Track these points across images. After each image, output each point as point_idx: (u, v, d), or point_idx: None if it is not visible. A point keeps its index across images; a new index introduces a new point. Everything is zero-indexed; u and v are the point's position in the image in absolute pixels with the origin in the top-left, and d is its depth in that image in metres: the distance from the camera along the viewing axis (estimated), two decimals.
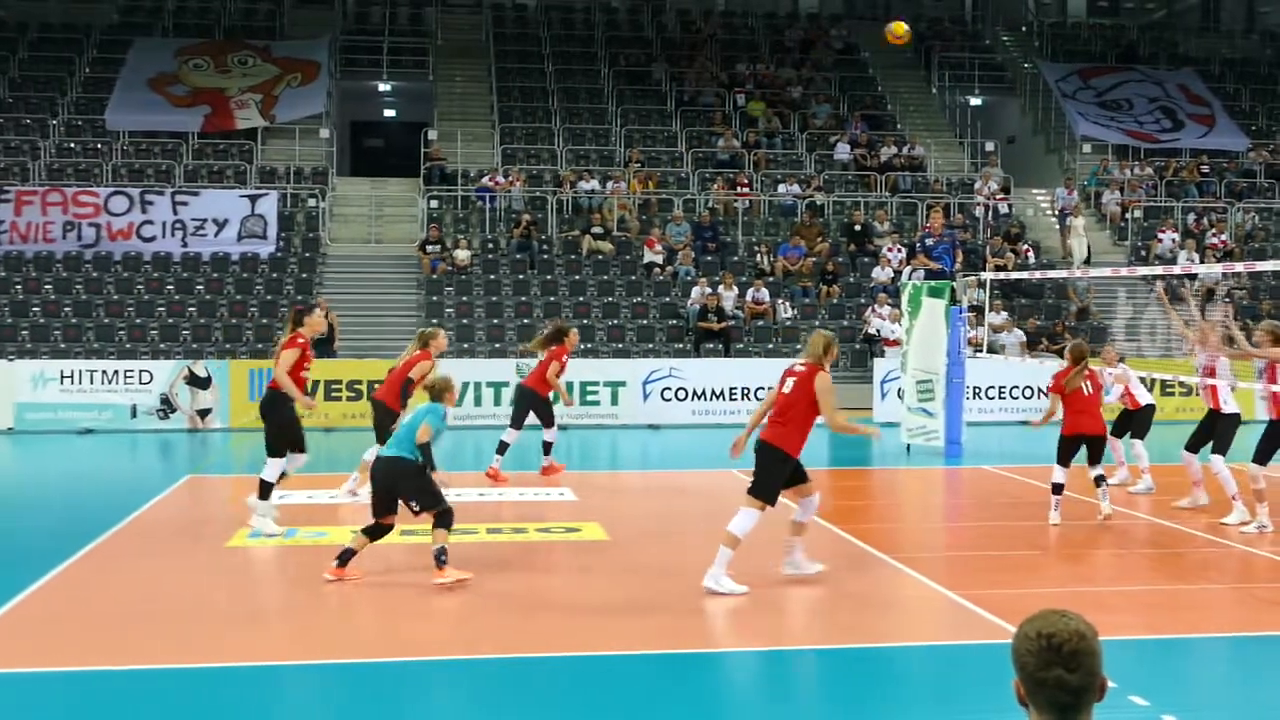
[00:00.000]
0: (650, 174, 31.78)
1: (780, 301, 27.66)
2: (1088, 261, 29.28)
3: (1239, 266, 19.68)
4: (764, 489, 10.34)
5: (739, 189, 31.33)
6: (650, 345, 26.40)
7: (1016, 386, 24.64)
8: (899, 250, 29.05)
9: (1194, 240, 30.80)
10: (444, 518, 10.51)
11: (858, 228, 30.16)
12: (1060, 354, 24.66)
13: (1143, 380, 16.60)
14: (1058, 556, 12.24)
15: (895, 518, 15.59)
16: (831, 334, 10.68)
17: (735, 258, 29.44)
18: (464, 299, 27.41)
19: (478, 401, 23.22)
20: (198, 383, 23.00)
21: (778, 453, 10.35)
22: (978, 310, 24.29)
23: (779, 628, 9.72)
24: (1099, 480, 13.48)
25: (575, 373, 23.02)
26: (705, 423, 23.72)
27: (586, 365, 23.80)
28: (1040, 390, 24.56)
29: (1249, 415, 16.39)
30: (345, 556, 10.66)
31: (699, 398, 23.96)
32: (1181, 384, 21.95)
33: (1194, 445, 14.32)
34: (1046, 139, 37.02)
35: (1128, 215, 32.28)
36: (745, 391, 23.97)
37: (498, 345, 26.22)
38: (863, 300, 28.02)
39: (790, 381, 10.39)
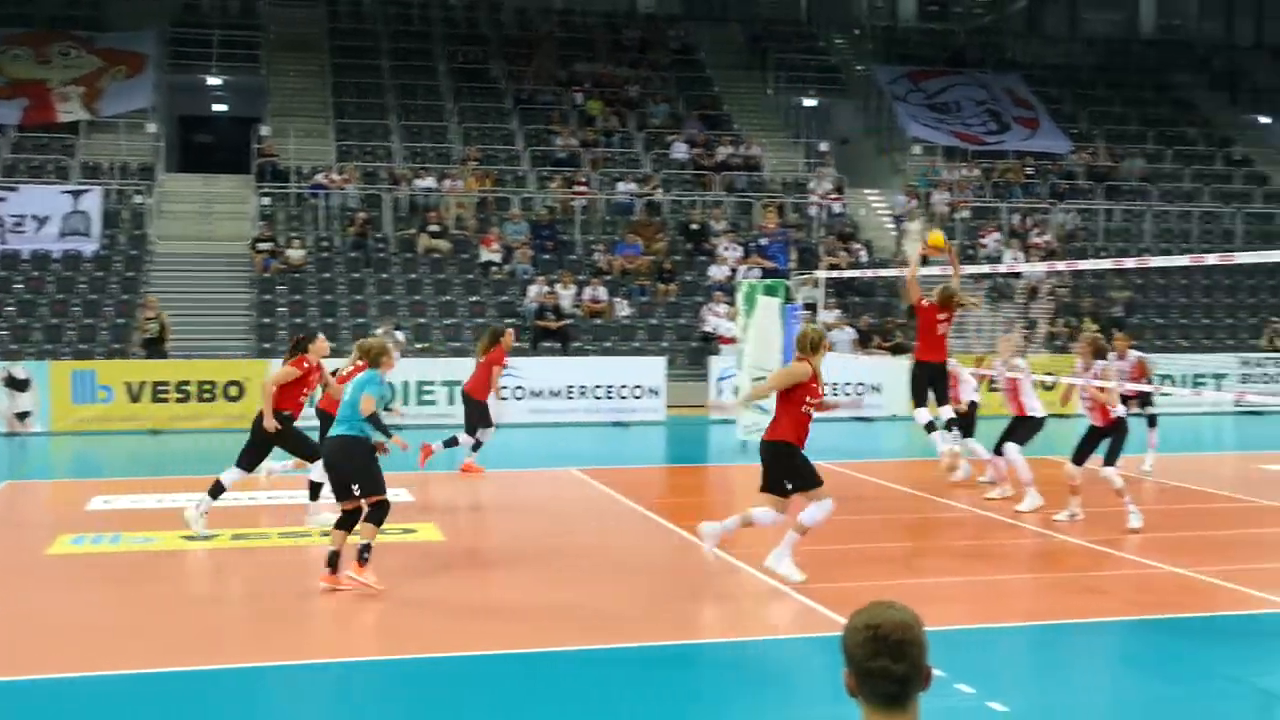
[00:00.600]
0: (487, 172, 31.59)
1: (618, 300, 27.73)
2: (925, 261, 29.83)
3: (1061, 265, 20.27)
4: (802, 477, 10.51)
5: (576, 187, 31.31)
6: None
7: (850, 383, 25.03)
8: (735, 249, 29.32)
9: (1019, 240, 31.66)
10: (378, 511, 10.16)
11: (694, 226, 30.38)
12: (893, 351, 25.21)
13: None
14: (887, 549, 12.45)
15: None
16: (819, 328, 10.97)
17: (573, 256, 29.42)
18: (297, 298, 26.93)
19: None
20: (16, 385, 22.20)
21: (780, 446, 10.51)
22: (812, 308, 24.62)
23: (616, 625, 9.72)
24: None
25: (412, 373, 22.83)
26: (544, 421, 23.66)
27: (423, 365, 23.59)
28: (873, 386, 25.01)
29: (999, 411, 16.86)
30: (332, 560, 10.24)
31: (537, 396, 23.89)
32: (990, 382, 22.51)
33: (999, 447, 14.82)
34: (879, 140, 37.71)
35: (956, 215, 33.04)
36: (583, 390, 23.98)
37: (331, 345, 25.76)
38: (699, 298, 28.21)
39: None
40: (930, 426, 14.51)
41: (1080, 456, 13.42)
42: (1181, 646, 9.24)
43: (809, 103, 37.95)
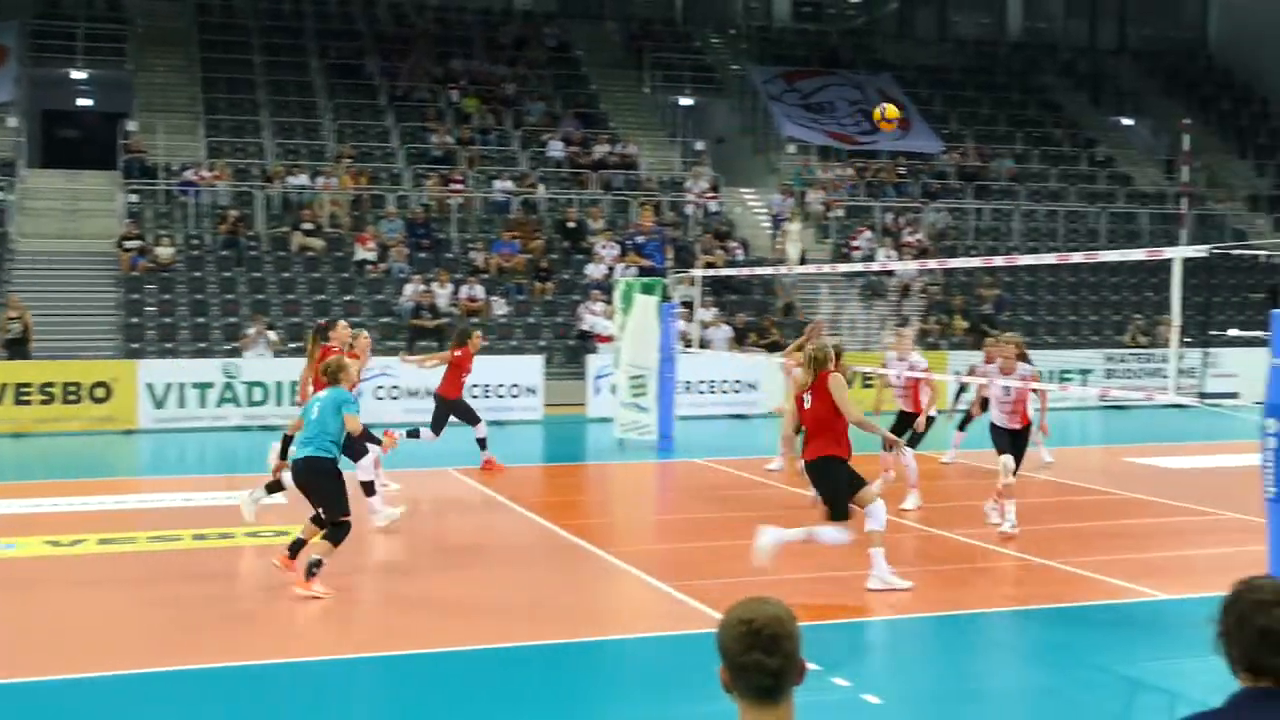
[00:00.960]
0: (362, 170, 31.24)
1: (494, 299, 27.60)
2: (802, 261, 30.16)
3: (932, 264, 20.60)
4: (837, 505, 10.31)
5: (453, 185, 31.10)
6: None
7: (727, 381, 25.20)
8: (612, 247, 29.35)
9: (891, 238, 32.12)
10: (337, 531, 10.09)
11: (571, 225, 30.35)
12: (768, 349, 25.38)
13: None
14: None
15: (607, 512, 15.72)
16: (828, 346, 10.69)
17: (449, 255, 29.21)
18: (166, 298, 26.39)
19: (182, 403, 22.38)
20: None
21: (831, 461, 10.29)
22: (689, 306, 24.74)
23: (497, 625, 9.66)
24: None
25: (286, 373, 22.48)
26: (421, 421, 23.42)
27: (297, 365, 23.21)
28: (750, 384, 25.20)
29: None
30: (295, 547, 10.41)
31: (413, 396, 23.65)
32: (880, 375, 22.81)
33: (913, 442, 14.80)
34: (754, 139, 38.00)
35: (830, 214, 33.42)
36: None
37: (202, 345, 25.35)
38: (576, 297, 28.20)
39: (808, 397, 10.34)
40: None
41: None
42: (1053, 636, 9.44)
43: (685, 102, 38.12)
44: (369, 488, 13.05)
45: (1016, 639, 9.57)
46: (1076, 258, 14.89)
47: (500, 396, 23.98)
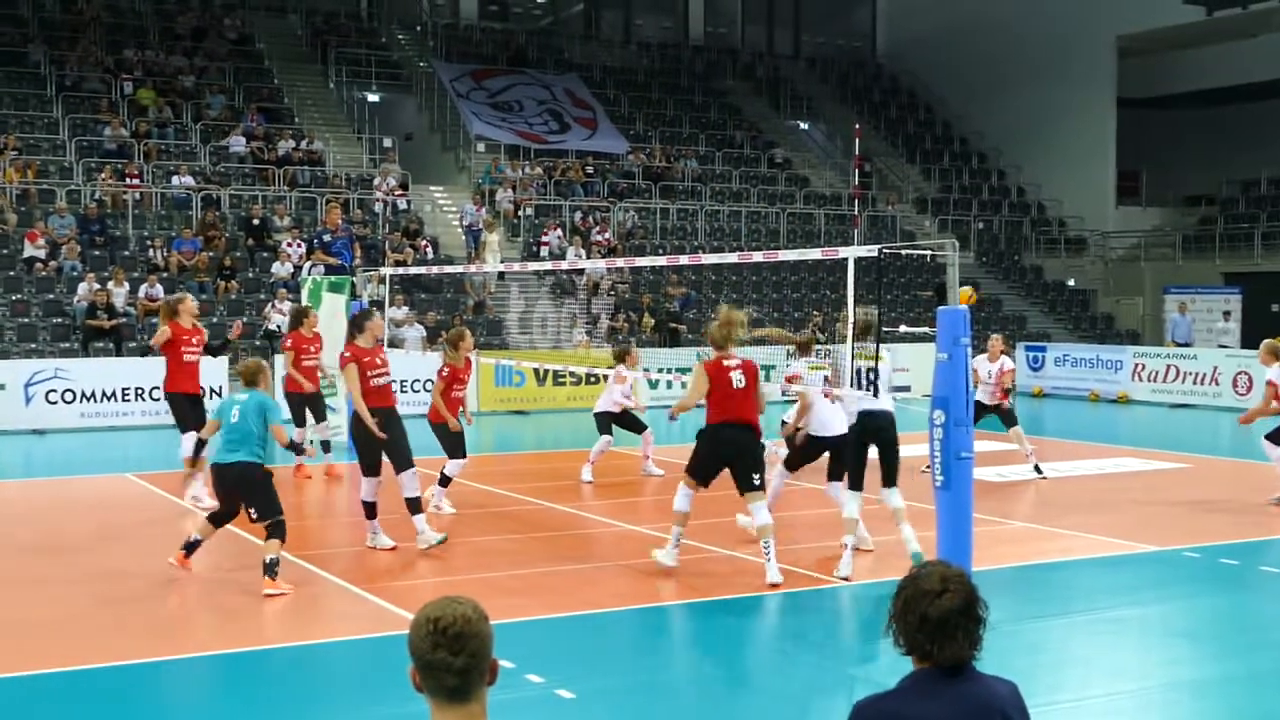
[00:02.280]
0: (29, 162, 29.67)
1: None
2: (501, 277, 30.21)
3: (620, 262, 20.97)
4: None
5: (129, 180, 29.88)
6: (33, 345, 24.70)
7: (419, 380, 25.04)
8: (298, 245, 28.76)
9: (580, 237, 32.52)
10: (277, 528, 10.24)
11: (256, 222, 29.58)
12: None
13: (536, 372, 17.29)
14: (461, 546, 12.51)
15: (298, 515, 15.42)
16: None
17: (126, 252, 28.05)
18: None
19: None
20: None
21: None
22: (379, 305, 24.44)
23: (182, 632, 9.39)
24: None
25: None
26: (96, 425, 22.49)
27: None
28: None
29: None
30: (191, 546, 10.81)
31: (89, 399, 22.66)
32: (571, 374, 23.12)
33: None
34: (443, 137, 37.86)
35: (520, 213, 33.60)
36: (140, 391, 22.89)
37: None
38: (263, 296, 27.52)
39: (739, 375, 10.64)
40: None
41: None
42: (737, 624, 9.78)
43: (372, 98, 37.64)
44: (416, 505, 11.95)
45: (702, 628, 9.87)
46: (757, 257, 15.42)
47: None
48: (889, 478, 11.05)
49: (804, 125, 44.36)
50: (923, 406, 11.19)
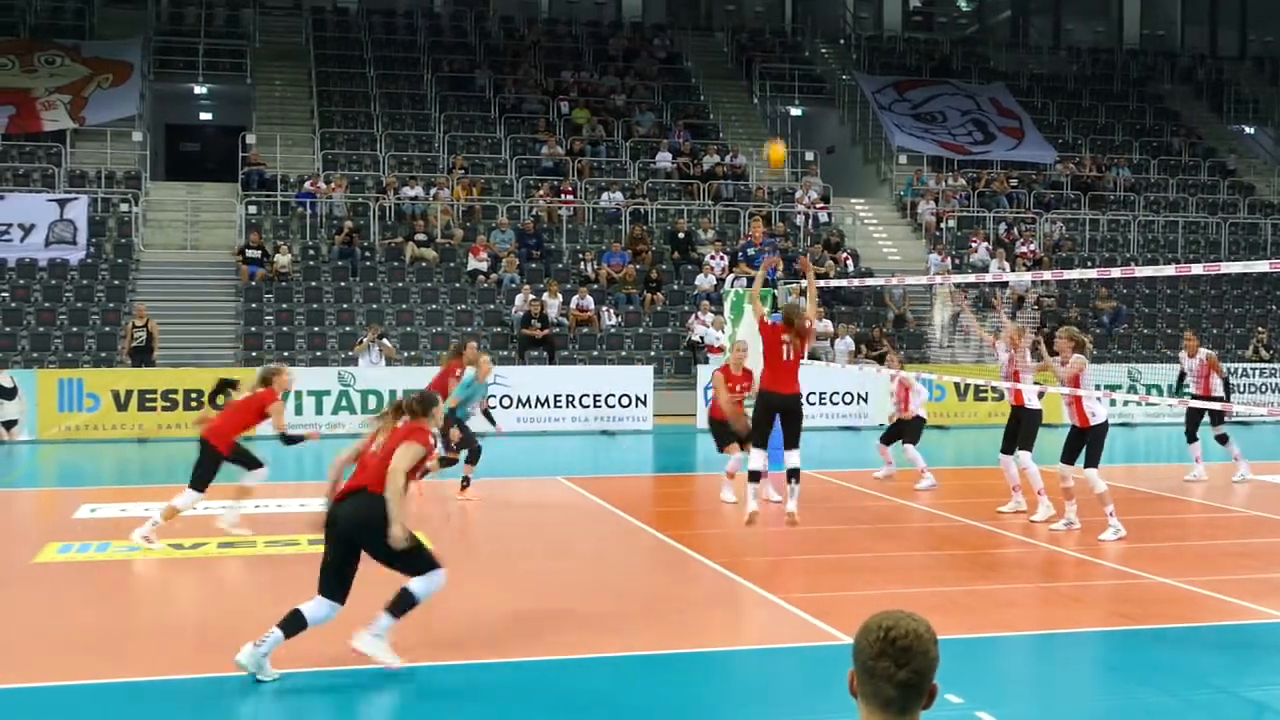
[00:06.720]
0: (474, 181, 31.61)
1: (604, 309, 27.74)
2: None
3: (1047, 275, 20.31)
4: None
5: (563, 196, 31.34)
6: None
7: (837, 392, 25.07)
8: (721, 258, 29.37)
9: (1004, 249, 31.75)
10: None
11: (681, 235, 30.41)
12: (879, 360, 25.20)
13: (957, 386, 17.07)
14: (873, 559, 12.43)
15: (717, 524, 15.70)
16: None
17: (560, 265, 29.45)
18: (284, 306, 26.91)
19: (299, 410, 22.77)
20: (3, 393, 22.15)
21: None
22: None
23: (612, 633, 9.71)
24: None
25: (400, 381, 22.75)
26: (531, 430, 23.64)
27: (410, 374, 23.51)
28: (861, 396, 25.06)
29: (1054, 419, 16.75)
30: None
31: (524, 405, 23.86)
32: (994, 389, 22.57)
33: (1007, 447, 14.64)
34: (865, 149, 37.82)
35: (942, 225, 33.12)
36: (570, 399, 23.97)
37: (319, 354, 25.80)
38: (686, 308, 28.25)
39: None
40: (755, 475, 13.38)
41: (1069, 457, 13.50)
42: (1168, 656, 9.26)
43: (795, 112, 38.02)
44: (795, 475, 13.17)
45: (1129, 658, 9.40)
46: (1197, 269, 14.58)
47: (610, 406, 24.10)
48: None
49: (1249, 129, 41.75)
50: None
